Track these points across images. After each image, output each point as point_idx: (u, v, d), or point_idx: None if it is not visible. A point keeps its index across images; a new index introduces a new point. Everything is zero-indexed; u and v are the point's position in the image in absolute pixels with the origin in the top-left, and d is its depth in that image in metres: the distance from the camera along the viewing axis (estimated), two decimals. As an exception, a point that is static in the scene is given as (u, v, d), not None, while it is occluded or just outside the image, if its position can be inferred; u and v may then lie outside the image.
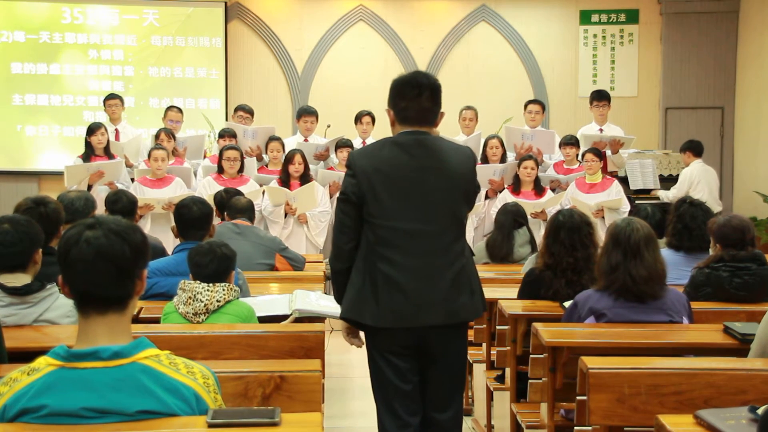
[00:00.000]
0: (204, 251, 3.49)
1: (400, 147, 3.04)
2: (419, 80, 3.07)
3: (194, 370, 1.95)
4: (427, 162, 3.02)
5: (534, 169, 7.22)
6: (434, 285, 3.00)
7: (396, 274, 2.98)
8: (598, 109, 8.14)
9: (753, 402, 2.27)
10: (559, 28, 10.74)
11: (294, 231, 7.17)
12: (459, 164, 3.08)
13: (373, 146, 3.18)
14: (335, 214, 3.14)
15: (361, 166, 3.03)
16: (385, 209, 2.99)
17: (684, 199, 4.72)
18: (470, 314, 3.11)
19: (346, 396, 5.42)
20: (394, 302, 2.98)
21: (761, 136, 9.84)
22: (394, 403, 3.06)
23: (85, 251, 1.86)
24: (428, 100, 3.06)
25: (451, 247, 3.04)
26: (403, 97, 3.06)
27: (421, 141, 3.05)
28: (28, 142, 10.15)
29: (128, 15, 10.21)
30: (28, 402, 1.84)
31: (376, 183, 3.00)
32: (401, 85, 3.08)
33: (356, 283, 3.04)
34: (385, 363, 3.06)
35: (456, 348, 3.11)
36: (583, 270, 3.87)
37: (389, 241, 2.99)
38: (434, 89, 3.08)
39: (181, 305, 3.40)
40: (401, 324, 3.00)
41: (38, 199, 3.77)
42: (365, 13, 10.60)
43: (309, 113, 8.03)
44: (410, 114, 3.06)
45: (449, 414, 3.11)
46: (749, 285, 3.87)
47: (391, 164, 3.02)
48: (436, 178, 3.02)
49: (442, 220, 3.03)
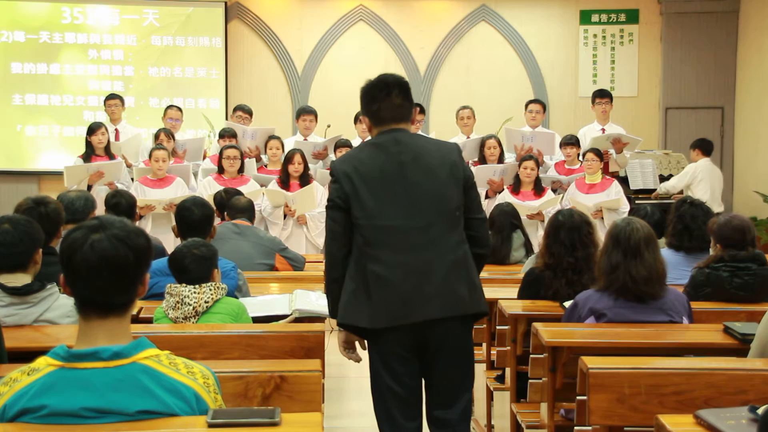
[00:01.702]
0: (183, 254, 3.44)
1: (378, 146, 3.08)
2: (386, 80, 3.12)
3: (194, 370, 1.95)
4: (405, 157, 3.03)
5: (534, 170, 7.21)
6: (427, 279, 2.98)
7: (386, 273, 2.97)
8: (600, 107, 8.12)
9: (753, 402, 2.27)
10: (559, 28, 10.74)
11: (293, 232, 7.17)
12: (441, 156, 3.07)
13: (353, 151, 3.25)
14: (325, 223, 3.14)
15: (342, 170, 3.05)
16: (369, 209, 3.00)
17: (684, 199, 4.73)
18: (470, 307, 3.04)
19: (345, 396, 5.42)
20: (387, 301, 2.96)
21: (761, 136, 9.84)
22: (391, 407, 3.05)
23: (89, 257, 1.86)
24: (398, 97, 3.09)
25: (443, 240, 3.01)
26: (374, 99, 3.10)
27: (397, 138, 3.07)
28: (28, 142, 10.15)
29: (128, 15, 10.22)
30: (28, 402, 1.83)
31: (357, 185, 3.01)
32: (370, 89, 3.12)
33: (349, 288, 3.03)
34: (384, 367, 3.04)
35: (458, 343, 3.06)
36: (583, 270, 3.87)
37: (377, 240, 2.99)
38: (402, 86, 3.12)
39: (170, 310, 3.36)
40: (397, 322, 2.98)
41: (38, 199, 3.77)
42: (365, 13, 10.60)
43: (308, 112, 8.03)
44: (384, 114, 3.09)
45: (454, 411, 3.06)
46: (749, 285, 3.87)
47: (370, 164, 3.04)
48: (416, 172, 3.02)
49: (428, 213, 3.01)
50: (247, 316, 3.48)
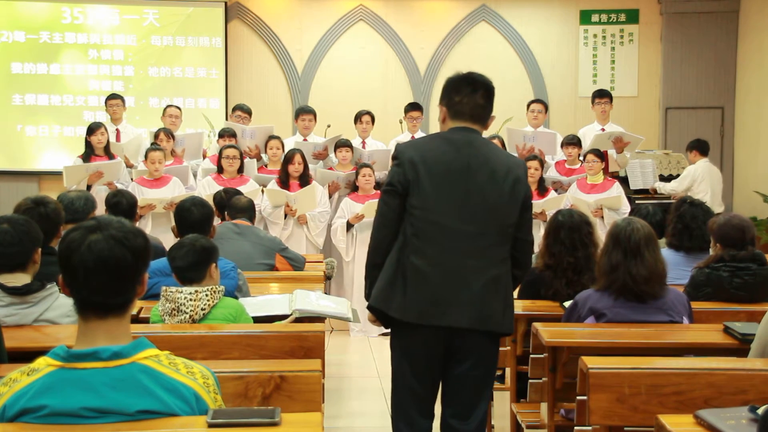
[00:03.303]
0: (181, 244, 3.47)
1: (449, 142, 3.03)
2: (475, 78, 3.11)
3: (194, 370, 1.95)
4: (474, 161, 2.99)
5: (538, 170, 7.21)
6: (465, 286, 2.94)
7: (427, 269, 2.94)
8: (600, 106, 8.11)
9: (753, 402, 2.27)
10: (559, 28, 10.73)
11: (294, 232, 7.17)
12: (507, 169, 3.02)
13: (422, 139, 3.23)
14: (378, 207, 3.09)
15: (408, 157, 3.01)
16: (427, 201, 2.96)
17: (684, 199, 4.72)
18: (499, 326, 3.01)
19: (345, 396, 5.43)
20: (421, 297, 2.94)
21: (761, 136, 9.83)
22: (408, 403, 3.04)
23: (86, 258, 1.85)
24: (482, 98, 3.09)
25: (490, 252, 2.98)
26: (459, 92, 3.08)
27: (471, 140, 3.03)
28: (28, 142, 10.14)
29: (128, 15, 10.21)
30: (28, 402, 1.83)
31: (421, 174, 2.97)
32: (457, 82, 3.10)
33: (387, 273, 3.00)
34: (407, 362, 3.03)
35: (482, 357, 3.02)
36: (583, 270, 3.87)
37: (426, 234, 2.95)
38: (489, 89, 3.12)
39: (167, 317, 3.33)
40: (426, 320, 2.95)
41: (38, 199, 3.77)
42: (365, 13, 10.60)
43: (307, 112, 8.02)
44: (464, 109, 3.07)
45: (471, 426, 3.04)
46: (749, 285, 3.87)
47: (438, 158, 3.00)
48: (482, 178, 2.98)
49: (483, 221, 2.97)
50: (246, 316, 3.46)
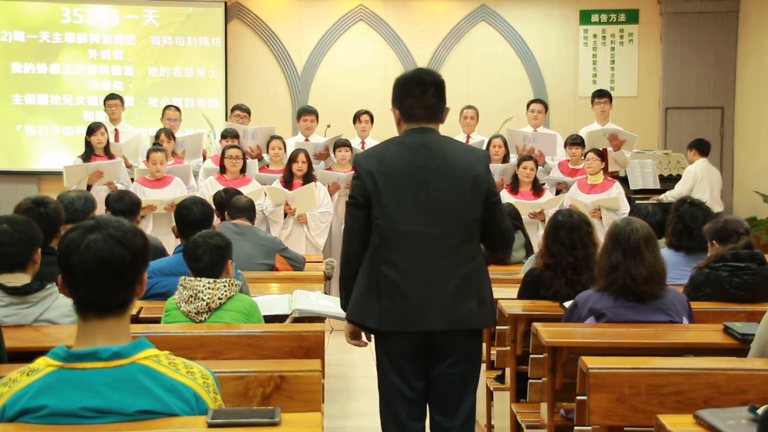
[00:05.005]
0: (197, 244, 3.49)
1: (405, 147, 3.02)
2: (423, 77, 3.06)
3: (194, 370, 1.95)
4: (431, 163, 2.98)
5: (533, 170, 7.20)
6: (438, 290, 2.95)
7: (399, 278, 2.95)
8: (599, 106, 8.10)
9: (753, 402, 2.27)
10: (559, 28, 10.73)
11: (294, 231, 7.17)
12: (467, 166, 3.01)
13: (378, 147, 3.16)
14: (345, 219, 3.11)
15: (365, 168, 3.00)
16: (389, 210, 2.96)
17: (684, 199, 4.72)
18: (477, 322, 3.03)
19: (346, 396, 5.42)
20: (396, 306, 2.95)
21: (761, 136, 9.83)
22: (397, 407, 3.04)
23: (85, 257, 1.85)
24: (433, 97, 3.03)
25: (458, 251, 2.98)
26: (408, 94, 3.03)
27: (426, 142, 3.01)
28: (28, 142, 10.14)
29: (128, 15, 10.20)
30: (27, 402, 1.83)
31: (380, 183, 2.97)
32: (405, 83, 3.05)
33: (361, 286, 3.02)
34: (391, 366, 3.03)
35: (463, 352, 3.03)
36: (583, 270, 3.87)
37: (392, 243, 2.96)
38: (438, 85, 3.05)
39: (183, 303, 3.38)
40: (403, 328, 2.97)
41: (38, 199, 3.77)
42: (365, 13, 10.60)
43: (308, 112, 8.02)
44: (416, 112, 3.03)
45: (458, 421, 3.05)
46: (749, 285, 3.87)
47: (395, 164, 2.98)
48: (441, 179, 2.97)
49: (447, 222, 2.97)
50: (259, 315, 3.49)
